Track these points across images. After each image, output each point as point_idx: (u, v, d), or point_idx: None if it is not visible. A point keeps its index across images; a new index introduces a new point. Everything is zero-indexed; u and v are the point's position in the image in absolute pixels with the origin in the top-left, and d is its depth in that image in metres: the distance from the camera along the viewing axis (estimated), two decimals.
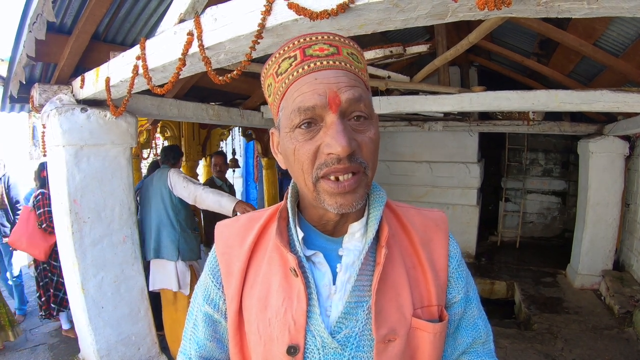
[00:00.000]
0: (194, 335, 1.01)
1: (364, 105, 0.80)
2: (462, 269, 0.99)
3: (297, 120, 0.79)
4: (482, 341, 1.02)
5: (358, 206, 0.81)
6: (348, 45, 0.85)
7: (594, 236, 5.85)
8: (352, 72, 0.82)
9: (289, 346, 0.85)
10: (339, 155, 0.75)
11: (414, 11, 1.36)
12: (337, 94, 0.77)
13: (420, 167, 7.65)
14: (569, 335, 4.56)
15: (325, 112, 0.78)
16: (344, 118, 0.79)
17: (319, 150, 0.78)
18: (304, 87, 0.79)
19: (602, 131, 5.73)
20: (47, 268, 4.33)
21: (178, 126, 6.26)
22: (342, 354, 0.85)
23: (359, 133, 0.80)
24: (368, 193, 0.92)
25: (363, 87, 0.83)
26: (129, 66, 2.39)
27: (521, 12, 1.32)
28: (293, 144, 0.81)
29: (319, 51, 0.81)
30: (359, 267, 0.86)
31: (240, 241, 0.98)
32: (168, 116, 4.22)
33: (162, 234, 3.91)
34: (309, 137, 0.79)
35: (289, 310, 0.86)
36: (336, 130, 0.76)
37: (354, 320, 0.86)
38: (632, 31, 3.47)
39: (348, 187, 0.78)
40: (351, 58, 0.84)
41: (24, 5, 2.56)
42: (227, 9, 1.72)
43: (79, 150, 3.17)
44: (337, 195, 0.79)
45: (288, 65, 0.82)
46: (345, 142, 0.74)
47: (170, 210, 3.93)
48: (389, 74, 4.53)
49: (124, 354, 3.50)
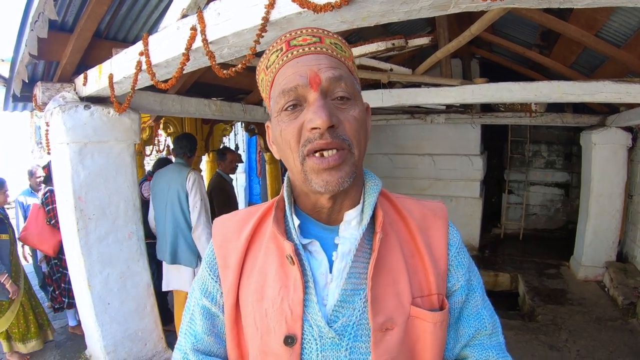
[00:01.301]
0: (190, 329, 1.00)
1: (345, 84, 0.83)
2: (462, 256, 0.97)
3: (282, 102, 0.83)
4: (488, 333, 0.97)
5: (345, 184, 0.81)
6: (331, 36, 0.89)
7: (597, 228, 5.84)
8: (333, 56, 0.86)
9: (285, 336, 0.84)
10: (320, 128, 0.78)
11: (417, 3, 1.36)
12: (317, 74, 0.81)
13: (423, 160, 7.65)
14: (573, 327, 4.57)
15: (307, 92, 0.81)
16: (325, 97, 0.82)
17: (303, 127, 0.81)
18: (287, 71, 0.84)
19: (604, 122, 5.72)
20: (58, 263, 4.38)
21: (181, 122, 6.26)
22: (340, 343, 0.83)
23: (342, 111, 0.82)
24: (361, 179, 0.94)
25: (345, 70, 0.86)
26: (132, 62, 2.39)
27: (524, 3, 1.32)
28: (280, 126, 0.84)
29: (302, 41, 0.86)
30: (354, 254, 0.86)
31: (237, 234, 0.98)
32: (171, 112, 4.23)
33: (180, 240, 3.73)
34: (293, 117, 0.83)
35: (286, 300, 0.86)
36: (317, 106, 0.79)
37: (350, 309, 0.85)
38: (633, 22, 3.46)
39: (332, 161, 0.79)
40: (334, 46, 0.88)
41: (26, 4, 2.56)
42: (230, 3, 1.72)
43: (83, 148, 3.18)
44: (323, 172, 0.80)
45: (275, 57, 0.88)
46: (325, 116, 0.77)
47: (187, 213, 3.75)
48: (391, 67, 4.52)
49: (130, 349, 3.52)
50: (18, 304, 3.94)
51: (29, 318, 4.06)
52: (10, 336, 3.98)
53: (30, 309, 4.08)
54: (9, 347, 4.00)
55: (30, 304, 4.12)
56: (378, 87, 4.69)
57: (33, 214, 4.31)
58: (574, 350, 4.12)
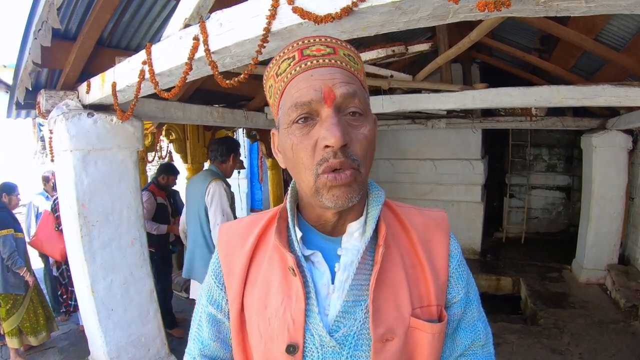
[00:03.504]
0: (198, 335, 1.03)
1: (358, 101, 0.82)
2: (462, 269, 0.98)
3: (295, 115, 0.82)
4: (482, 344, 1.00)
5: (354, 200, 0.82)
6: (345, 47, 0.88)
7: (598, 230, 5.84)
8: (347, 70, 0.85)
9: (288, 345, 0.86)
10: (333, 146, 0.78)
11: (416, 13, 1.39)
12: (332, 89, 0.80)
13: (424, 165, 7.65)
14: (575, 330, 4.57)
15: (320, 107, 0.80)
16: (339, 113, 0.81)
17: (317, 145, 0.80)
18: (301, 84, 0.82)
19: (605, 125, 5.72)
20: (68, 268, 4.46)
21: (183, 129, 6.28)
22: (340, 352, 0.85)
23: (353, 128, 0.82)
24: (365, 192, 0.94)
25: (358, 85, 0.85)
26: (135, 71, 2.41)
27: (521, 12, 1.34)
28: (291, 140, 0.83)
29: (315, 51, 0.85)
30: (357, 266, 0.87)
31: (242, 242, 1.00)
32: (173, 119, 4.25)
33: (196, 255, 3.61)
34: (305, 131, 0.82)
35: (288, 310, 0.87)
36: (331, 123, 0.78)
37: (352, 319, 0.86)
38: (632, 25, 3.48)
39: (345, 179, 0.79)
40: (347, 58, 0.87)
41: (29, 13, 2.58)
42: (232, 13, 1.75)
43: (87, 155, 3.20)
44: (334, 189, 0.80)
45: (287, 66, 0.86)
46: (339, 134, 0.77)
47: (206, 229, 3.56)
48: (392, 73, 4.54)
49: (133, 355, 3.53)
50: (29, 298, 4.27)
51: (38, 311, 4.37)
52: (22, 331, 4.25)
53: (38, 303, 4.40)
54: (20, 342, 4.26)
55: (39, 297, 4.44)
56: (378, 94, 4.71)
57: (43, 219, 4.52)
58: (576, 353, 4.12)
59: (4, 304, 4.15)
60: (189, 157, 6.34)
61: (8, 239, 4.03)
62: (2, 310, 4.15)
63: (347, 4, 1.36)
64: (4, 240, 4.01)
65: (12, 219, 4.27)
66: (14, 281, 4.09)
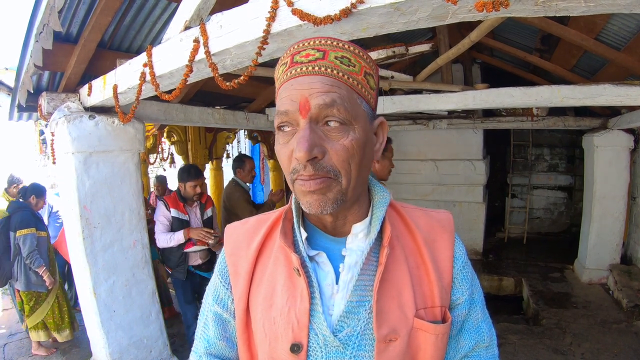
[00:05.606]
0: (204, 334, 1.04)
1: (337, 111, 0.78)
2: (467, 270, 0.98)
3: (277, 122, 0.83)
4: (485, 345, 1.00)
5: (327, 208, 0.81)
6: (342, 48, 0.83)
7: (600, 230, 5.84)
8: (333, 77, 0.80)
9: (292, 344, 0.87)
10: (300, 161, 0.78)
11: (415, 14, 1.39)
12: (308, 100, 0.78)
13: (425, 166, 7.64)
14: (577, 330, 4.56)
15: (297, 117, 0.80)
16: (316, 124, 0.80)
17: (292, 154, 0.80)
18: (283, 92, 0.83)
19: (606, 125, 5.72)
20: None
21: (184, 130, 6.30)
22: (344, 352, 0.86)
23: (331, 140, 0.80)
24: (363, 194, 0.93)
25: (344, 91, 0.80)
26: (136, 73, 2.42)
27: (519, 12, 1.34)
28: (277, 144, 0.86)
29: (304, 57, 0.82)
30: (361, 267, 0.87)
31: (247, 242, 1.00)
32: (174, 121, 4.26)
33: None
34: (286, 140, 0.83)
35: (293, 309, 0.88)
36: (301, 136, 0.77)
37: (355, 320, 0.87)
38: (632, 24, 3.47)
39: (314, 185, 0.79)
40: (339, 62, 0.82)
41: (30, 16, 2.59)
42: (232, 15, 1.75)
43: (88, 157, 3.22)
44: (308, 195, 0.81)
45: (281, 71, 0.86)
46: (305, 148, 0.76)
47: None
48: (392, 74, 4.54)
49: (136, 356, 3.54)
50: (54, 295, 4.38)
51: (63, 309, 4.50)
52: (47, 326, 4.37)
53: (64, 301, 4.53)
54: (47, 335, 4.42)
55: (64, 295, 4.60)
56: (380, 94, 4.70)
57: None
58: (579, 353, 4.11)
59: (27, 301, 4.26)
60: (191, 158, 6.35)
61: (28, 238, 4.12)
62: (27, 307, 4.26)
63: (346, 5, 1.37)
64: (24, 239, 4.10)
65: (36, 218, 4.35)
66: (35, 279, 4.18)
